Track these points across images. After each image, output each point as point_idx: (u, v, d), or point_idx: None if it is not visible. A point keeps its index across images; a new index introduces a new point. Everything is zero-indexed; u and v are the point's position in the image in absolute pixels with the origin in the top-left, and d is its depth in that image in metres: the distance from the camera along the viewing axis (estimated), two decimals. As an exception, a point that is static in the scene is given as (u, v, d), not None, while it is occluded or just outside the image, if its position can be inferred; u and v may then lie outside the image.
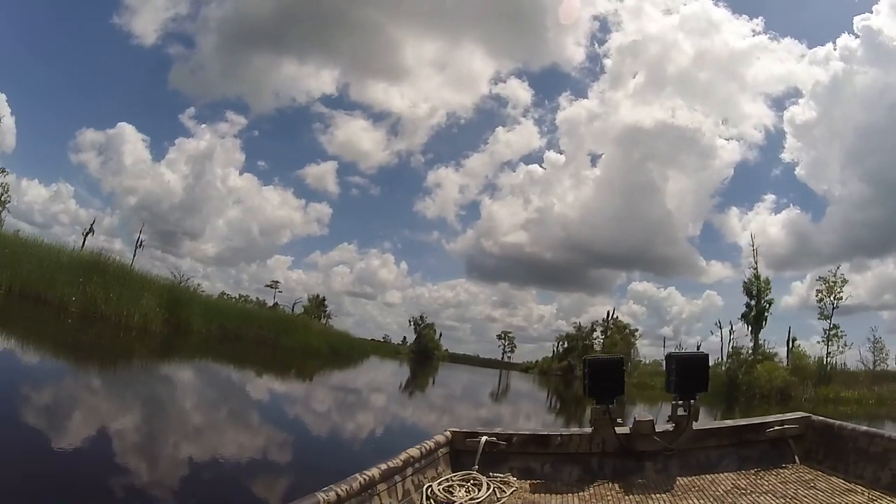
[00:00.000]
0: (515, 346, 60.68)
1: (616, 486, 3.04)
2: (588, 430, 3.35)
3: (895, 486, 2.65)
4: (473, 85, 79.07)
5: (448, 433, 3.25)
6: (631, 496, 2.88)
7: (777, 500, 2.66)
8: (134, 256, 36.71)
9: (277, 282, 54.49)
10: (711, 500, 2.75)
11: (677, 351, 3.83)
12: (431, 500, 2.68)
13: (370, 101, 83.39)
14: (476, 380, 33.94)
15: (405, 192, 78.71)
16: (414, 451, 2.83)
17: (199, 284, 34.23)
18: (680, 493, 2.90)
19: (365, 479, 2.34)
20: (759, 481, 3.00)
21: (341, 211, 65.03)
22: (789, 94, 71.68)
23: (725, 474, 3.16)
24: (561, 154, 63.68)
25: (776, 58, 59.65)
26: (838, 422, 3.32)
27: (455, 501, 2.67)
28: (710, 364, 3.65)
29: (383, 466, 2.52)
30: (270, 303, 50.18)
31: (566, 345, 55.02)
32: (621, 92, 63.95)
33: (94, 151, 60.88)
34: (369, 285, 64.47)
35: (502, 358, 59.79)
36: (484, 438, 3.23)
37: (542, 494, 2.92)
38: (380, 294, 64.26)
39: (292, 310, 49.46)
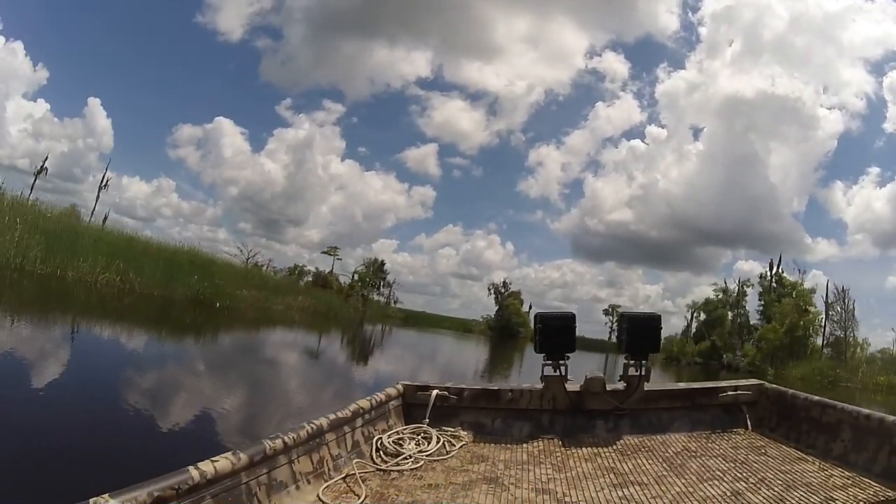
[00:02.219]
0: None
1: (565, 443, 3.11)
2: (539, 386, 3.38)
3: (846, 457, 2.63)
4: (568, 60, 76.40)
5: (400, 386, 3.33)
6: (580, 453, 2.93)
7: (727, 464, 2.66)
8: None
9: (337, 248, 53.73)
10: (661, 460, 2.78)
11: (629, 311, 3.83)
12: (381, 452, 2.71)
13: (465, 81, 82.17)
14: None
15: (507, 171, 77.05)
16: (364, 403, 2.88)
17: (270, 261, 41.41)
18: (629, 452, 2.94)
19: (313, 428, 2.36)
20: (709, 445, 3.02)
21: (445, 193, 64.74)
22: (888, 58, 64.37)
23: (676, 436, 3.20)
24: (662, 128, 61.40)
25: (872, 19, 55.21)
26: (791, 391, 3.30)
27: (404, 454, 2.70)
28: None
29: (332, 416, 2.54)
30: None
31: (704, 315, 42.96)
32: (718, 61, 60.95)
33: (192, 146, 66.78)
34: (475, 267, 63.28)
35: (609, 338, 52.97)
36: (435, 392, 3.30)
37: (492, 449, 2.99)
38: (486, 275, 62.22)
39: (352, 279, 51.11)
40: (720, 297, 42.20)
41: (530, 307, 53.22)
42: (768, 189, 53.13)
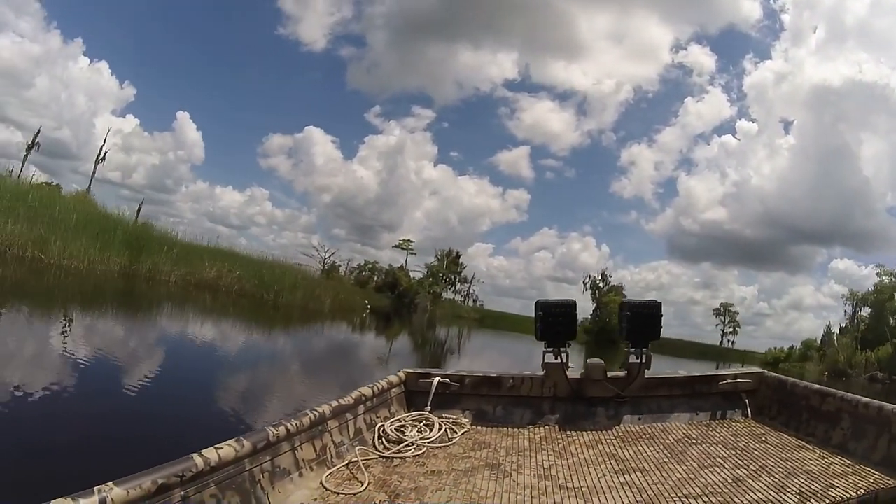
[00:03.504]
0: (738, 326, 49.55)
1: (566, 430, 3.12)
2: (540, 373, 3.39)
3: (846, 445, 2.63)
4: (654, 55, 73.02)
5: (402, 373, 3.33)
6: (581, 440, 2.94)
7: (728, 452, 2.67)
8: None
9: (410, 240, 51.10)
10: (661, 447, 2.78)
11: (631, 298, 3.81)
12: (383, 439, 2.73)
13: (553, 81, 79.61)
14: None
15: (600, 172, 74.95)
16: (366, 390, 2.88)
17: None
18: (630, 439, 2.94)
19: (315, 416, 2.37)
20: (710, 432, 3.02)
21: (539, 195, 64.26)
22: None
23: (676, 424, 3.21)
24: (753, 122, 60.06)
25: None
26: (792, 379, 3.32)
27: (406, 441, 2.70)
28: None
29: (334, 403, 2.55)
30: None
31: (870, 309, 33.74)
32: (804, 49, 59.38)
33: (283, 155, 70.21)
34: (571, 270, 62.85)
35: (721, 342, 48.69)
36: (437, 380, 3.30)
37: (493, 436, 2.99)
38: (581, 278, 58.53)
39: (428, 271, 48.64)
40: (891, 280, 32.14)
41: None
42: (861, 183, 51.24)
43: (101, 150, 33.79)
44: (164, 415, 4.66)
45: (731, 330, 48.88)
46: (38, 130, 32.79)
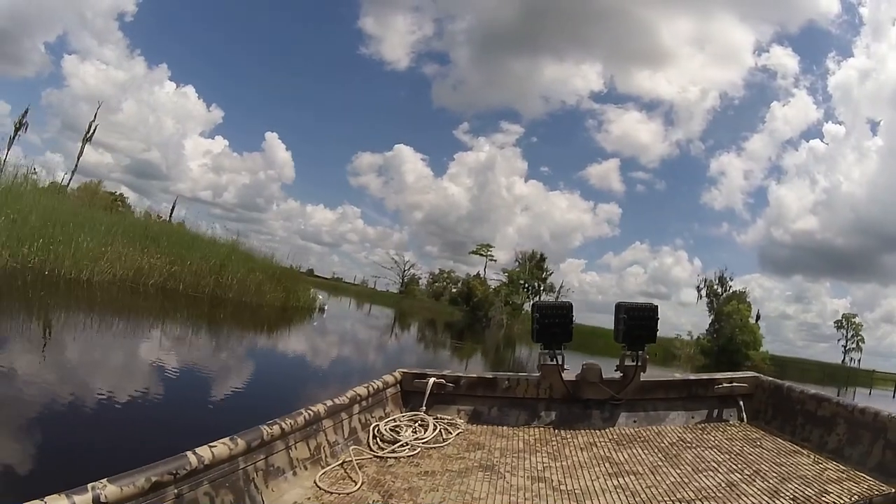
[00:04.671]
0: (863, 342, 42.23)
1: (561, 431, 3.12)
2: (536, 375, 3.39)
3: (841, 451, 2.62)
4: (737, 58, 70.66)
5: (398, 373, 3.31)
6: (576, 442, 2.93)
7: (722, 456, 2.66)
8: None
9: (489, 245, 48.47)
10: (656, 451, 2.77)
11: (626, 301, 3.70)
12: (378, 439, 2.71)
13: (638, 91, 78.07)
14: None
15: (690, 183, 73.77)
16: (361, 390, 2.86)
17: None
18: (625, 442, 2.93)
19: (310, 415, 2.36)
20: (705, 436, 3.01)
21: (630, 209, 63.17)
22: None
23: (672, 427, 3.21)
24: (840, 125, 56.98)
25: None
26: (788, 383, 3.29)
27: (401, 441, 2.69)
28: None
29: (329, 403, 2.53)
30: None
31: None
32: (885, 43, 55.17)
33: (373, 173, 71.67)
34: (663, 284, 59.02)
35: (843, 360, 42.00)
36: (432, 380, 3.29)
37: (488, 437, 2.98)
38: (674, 293, 58.34)
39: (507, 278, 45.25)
40: None
41: (758, 317, 39.18)
42: (954, 186, 46.49)
43: (90, 126, 31.66)
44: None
45: (854, 345, 41.75)
46: (27, 110, 31.43)
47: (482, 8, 64.51)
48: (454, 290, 47.01)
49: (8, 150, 26.96)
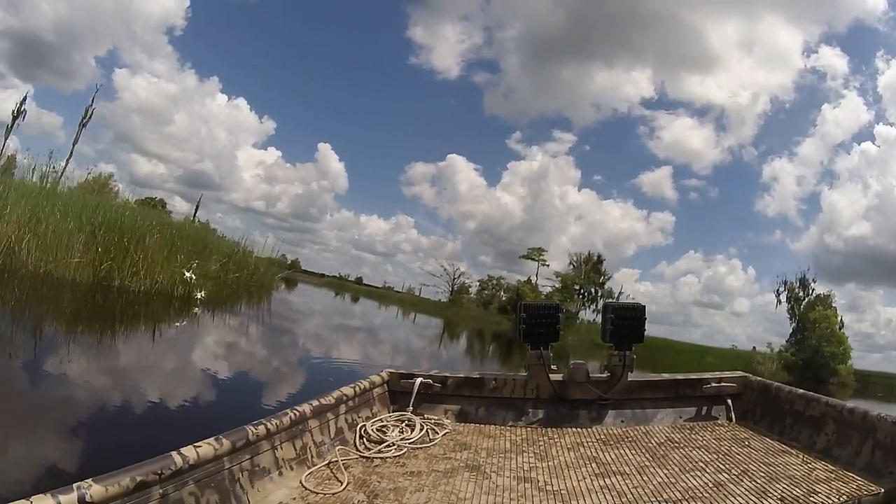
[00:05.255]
0: None
1: (548, 431, 3.11)
2: (523, 375, 3.40)
3: (830, 451, 2.62)
4: (786, 61, 65.34)
5: (385, 373, 3.29)
6: (562, 442, 2.91)
7: (710, 456, 2.65)
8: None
9: (541, 249, 44.97)
10: (644, 451, 2.76)
11: (613, 300, 3.92)
12: (364, 439, 2.70)
13: (689, 97, 72.33)
14: None
15: (743, 190, 70.00)
16: (348, 390, 2.85)
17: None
18: (612, 442, 2.92)
19: (296, 415, 2.35)
20: (693, 436, 3.01)
21: (683, 217, 59.94)
22: None
23: (659, 427, 3.20)
24: (891, 126, 52.32)
25: None
26: (776, 383, 3.29)
27: (388, 441, 2.68)
28: None
29: (315, 403, 2.53)
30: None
31: None
32: None
33: (426, 183, 69.66)
34: (717, 294, 57.25)
35: None
36: (419, 380, 3.28)
37: (475, 437, 2.96)
38: (727, 303, 55.83)
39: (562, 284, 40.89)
40: None
41: (841, 324, 33.47)
42: None
43: (86, 111, 29.60)
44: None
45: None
46: (25, 96, 29.72)
47: (531, 15, 63.54)
48: (504, 298, 43.97)
49: (6, 138, 26.51)
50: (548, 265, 43.77)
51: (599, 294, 40.66)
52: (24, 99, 27.79)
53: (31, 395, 4.12)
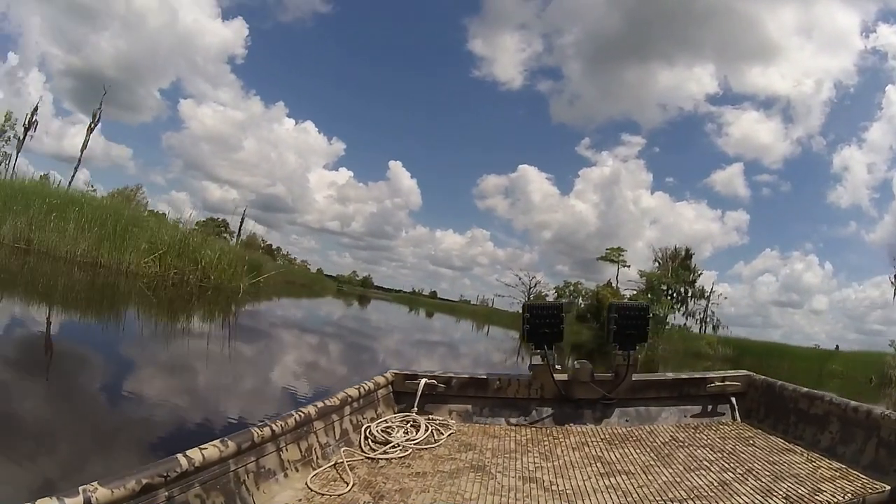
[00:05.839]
0: None
1: (553, 431, 3.10)
2: (527, 375, 3.37)
3: (834, 449, 2.60)
4: (845, 43, 67.34)
5: (389, 374, 3.28)
6: (567, 442, 2.90)
7: (714, 455, 2.63)
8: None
9: (620, 248, 42.65)
10: (649, 450, 2.74)
11: (617, 300, 3.77)
12: (369, 440, 2.69)
13: (753, 89, 71.49)
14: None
15: (815, 182, 69.35)
16: (353, 391, 2.84)
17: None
18: (617, 441, 2.90)
19: (301, 416, 2.34)
20: (697, 435, 2.99)
21: (758, 214, 60.93)
22: None
23: (664, 426, 3.19)
24: None
25: None
26: (780, 382, 3.26)
27: (392, 442, 2.67)
28: None
29: (320, 404, 2.52)
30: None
31: None
32: None
33: (499, 195, 71.81)
34: (795, 292, 57.27)
35: None
36: (423, 381, 3.27)
37: (479, 437, 2.95)
38: (806, 301, 55.95)
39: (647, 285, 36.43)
40: None
41: None
42: None
43: (94, 114, 29.57)
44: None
45: None
46: (36, 106, 29.91)
47: (588, 19, 64.00)
48: (582, 305, 40.91)
49: (17, 152, 27.27)
50: (628, 266, 40.40)
51: (689, 294, 36.38)
52: (35, 108, 28.23)
53: None
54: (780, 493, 2.09)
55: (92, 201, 16.42)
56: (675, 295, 35.39)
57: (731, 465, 2.46)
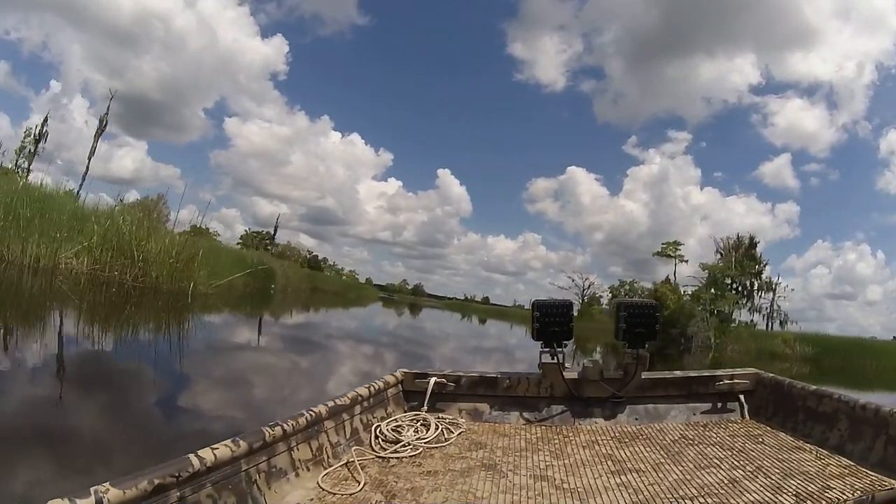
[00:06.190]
0: None
1: (563, 430, 3.12)
2: (537, 373, 3.39)
3: (843, 447, 2.62)
4: (883, 23, 62.61)
5: (399, 373, 3.31)
6: (577, 440, 2.91)
7: (724, 452, 2.64)
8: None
9: (677, 242, 39.74)
10: (658, 448, 2.76)
11: (626, 298, 3.90)
12: (380, 440, 2.71)
13: (796, 76, 71.74)
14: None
15: (863, 169, 65.94)
16: (363, 391, 2.86)
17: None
18: (627, 439, 2.92)
19: (312, 416, 2.35)
20: (707, 433, 3.00)
21: (807, 206, 60.47)
22: None
23: (673, 424, 3.21)
24: None
25: None
26: (788, 379, 3.27)
27: (403, 441, 2.68)
28: None
29: (331, 404, 2.52)
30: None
31: None
32: None
33: (549, 199, 74.37)
34: (848, 283, 55.95)
35: None
36: (433, 380, 3.29)
37: (490, 436, 2.97)
38: (860, 293, 55.12)
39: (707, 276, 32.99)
40: None
41: None
42: None
43: (101, 119, 29.09)
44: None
45: None
46: (46, 117, 29.63)
47: (625, 17, 63.24)
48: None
49: (29, 164, 26.85)
50: (686, 261, 38.32)
51: (756, 287, 34.05)
52: (45, 120, 28.15)
53: None
54: (790, 490, 2.10)
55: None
56: (740, 289, 33.15)
57: (741, 462, 2.48)
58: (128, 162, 57.46)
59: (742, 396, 3.35)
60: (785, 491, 2.09)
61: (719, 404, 3.36)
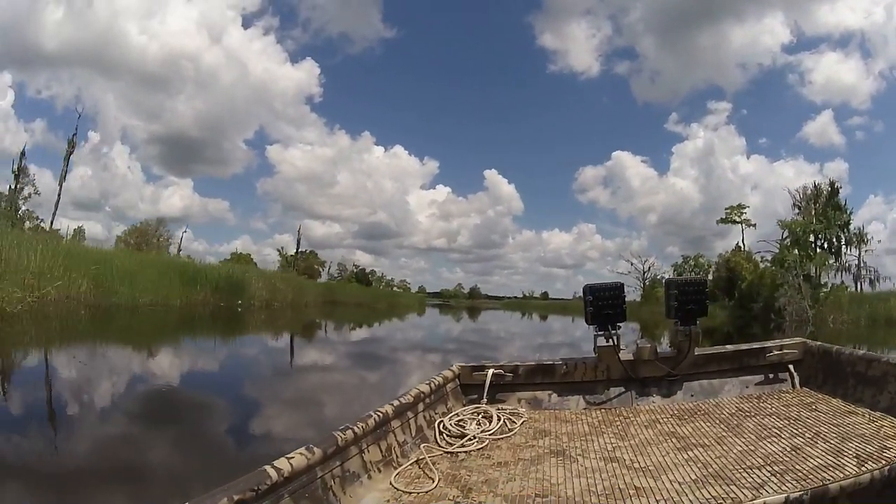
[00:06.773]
0: None
1: (623, 411, 3.15)
2: (592, 357, 3.41)
3: (894, 409, 2.64)
4: None
5: (455, 367, 3.36)
6: (639, 420, 2.94)
7: (782, 422, 2.67)
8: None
9: (744, 206, 37.80)
10: (718, 422, 2.78)
11: (675, 277, 3.71)
12: (444, 435, 2.72)
13: (826, 29, 65.81)
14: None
15: None
16: (424, 387, 2.87)
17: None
18: (686, 416, 2.95)
19: (379, 417, 2.36)
20: (761, 404, 3.04)
21: (855, 161, 59.87)
22: None
23: (728, 398, 3.24)
24: None
25: None
26: (836, 346, 3.28)
27: (468, 434, 2.69)
28: None
29: (395, 403, 2.54)
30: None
31: None
32: None
33: (599, 186, 73.07)
34: None
35: None
36: (491, 371, 3.32)
37: (552, 423, 2.99)
38: None
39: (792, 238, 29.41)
40: None
41: None
42: None
43: (69, 141, 29.51)
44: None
45: None
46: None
47: None
48: (710, 280, 35.60)
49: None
50: (753, 225, 34.56)
51: (844, 241, 29.46)
52: (23, 152, 28.08)
53: None
54: (850, 452, 2.14)
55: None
56: (825, 245, 28.84)
57: (799, 430, 2.51)
58: (175, 200, 59.09)
59: (791, 366, 3.40)
60: (845, 454, 2.12)
61: (770, 375, 3.41)
